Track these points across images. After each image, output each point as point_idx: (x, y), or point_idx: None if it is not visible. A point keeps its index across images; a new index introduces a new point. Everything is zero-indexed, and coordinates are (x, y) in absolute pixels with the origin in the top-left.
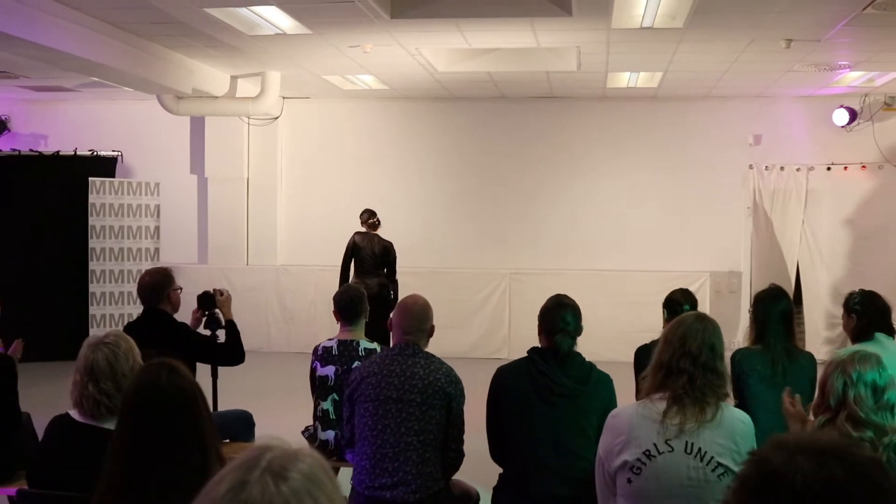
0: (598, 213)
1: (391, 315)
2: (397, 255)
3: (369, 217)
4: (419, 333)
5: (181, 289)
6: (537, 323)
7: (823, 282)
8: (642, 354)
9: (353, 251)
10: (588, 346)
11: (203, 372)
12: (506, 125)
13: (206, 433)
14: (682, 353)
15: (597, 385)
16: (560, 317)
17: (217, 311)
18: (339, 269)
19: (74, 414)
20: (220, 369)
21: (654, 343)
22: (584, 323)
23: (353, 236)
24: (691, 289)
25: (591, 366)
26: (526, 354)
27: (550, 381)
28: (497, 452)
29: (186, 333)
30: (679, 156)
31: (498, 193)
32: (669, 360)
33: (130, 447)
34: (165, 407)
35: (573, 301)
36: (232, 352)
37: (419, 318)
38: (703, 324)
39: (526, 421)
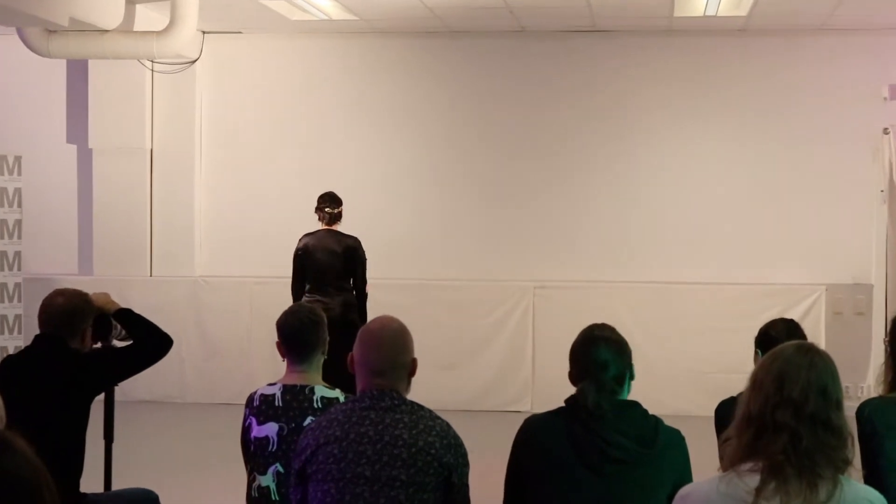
0: (661, 200)
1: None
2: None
3: (331, 205)
4: (396, 372)
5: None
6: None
7: None
8: (727, 413)
9: (303, 261)
10: (646, 393)
11: (94, 432)
12: (528, 73)
13: None
14: (780, 401)
15: (666, 448)
16: (591, 357)
17: (112, 329)
18: (287, 282)
19: None
20: (117, 429)
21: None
22: (640, 361)
23: (302, 240)
24: (800, 310)
25: (656, 420)
26: (563, 405)
27: (602, 440)
28: None
29: (93, 357)
30: (779, 116)
31: (517, 172)
32: (762, 412)
33: None
34: None
35: (615, 333)
36: (154, 340)
37: (393, 348)
38: (809, 357)
39: (565, 497)
